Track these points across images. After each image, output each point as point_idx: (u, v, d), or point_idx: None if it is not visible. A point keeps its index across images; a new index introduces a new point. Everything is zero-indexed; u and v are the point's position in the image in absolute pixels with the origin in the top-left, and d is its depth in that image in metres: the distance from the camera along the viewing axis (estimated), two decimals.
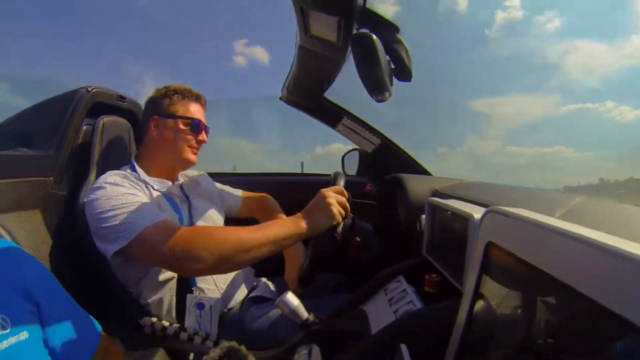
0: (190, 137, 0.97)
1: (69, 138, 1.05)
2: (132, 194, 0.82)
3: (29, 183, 0.96)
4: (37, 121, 1.20)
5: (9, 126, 1.20)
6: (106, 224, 0.77)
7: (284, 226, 0.76)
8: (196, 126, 0.98)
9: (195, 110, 0.99)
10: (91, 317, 0.57)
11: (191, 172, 1.14)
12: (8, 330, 0.40)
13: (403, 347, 0.53)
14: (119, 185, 0.84)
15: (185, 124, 0.96)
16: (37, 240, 0.88)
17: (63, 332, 0.48)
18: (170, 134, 0.96)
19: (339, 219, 0.80)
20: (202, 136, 1.00)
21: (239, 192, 1.23)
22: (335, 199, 0.80)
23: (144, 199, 0.84)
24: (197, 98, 1.00)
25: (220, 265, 0.73)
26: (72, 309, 0.53)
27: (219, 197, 1.16)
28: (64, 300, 0.51)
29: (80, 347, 0.51)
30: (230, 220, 1.17)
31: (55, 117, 1.08)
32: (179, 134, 0.96)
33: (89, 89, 1.13)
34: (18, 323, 0.41)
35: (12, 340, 0.40)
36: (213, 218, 1.06)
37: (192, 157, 0.99)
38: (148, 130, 0.98)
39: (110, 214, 0.77)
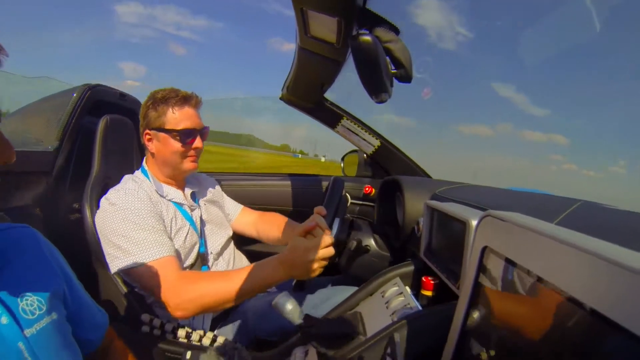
0: (183, 149, 0.92)
1: (69, 135, 1.06)
2: (144, 217, 0.82)
3: (29, 179, 0.97)
4: (37, 118, 1.20)
5: (9, 122, 1.21)
6: (113, 240, 0.80)
7: (270, 276, 0.75)
8: (187, 135, 0.92)
9: (184, 116, 0.91)
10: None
11: (200, 175, 1.14)
12: (44, 311, 0.46)
13: (396, 335, 0.53)
14: (137, 200, 0.84)
15: (175, 136, 0.91)
16: None
17: (81, 311, 0.55)
18: (163, 148, 0.92)
19: (319, 272, 0.74)
20: (197, 143, 0.94)
21: (238, 206, 1.21)
22: (322, 257, 0.73)
23: (156, 221, 0.84)
24: (185, 100, 0.92)
25: (201, 314, 0.81)
26: (85, 294, 0.59)
27: (223, 203, 1.16)
28: (77, 283, 0.58)
29: (95, 324, 0.59)
30: (238, 235, 1.17)
31: (55, 114, 1.08)
32: (172, 147, 0.91)
33: (90, 86, 1.13)
34: (50, 305, 0.47)
35: (47, 319, 0.46)
36: (222, 225, 1.07)
37: (190, 165, 0.95)
38: (144, 143, 0.95)
39: (121, 232, 0.80)
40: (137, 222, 0.81)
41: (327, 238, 0.74)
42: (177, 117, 0.90)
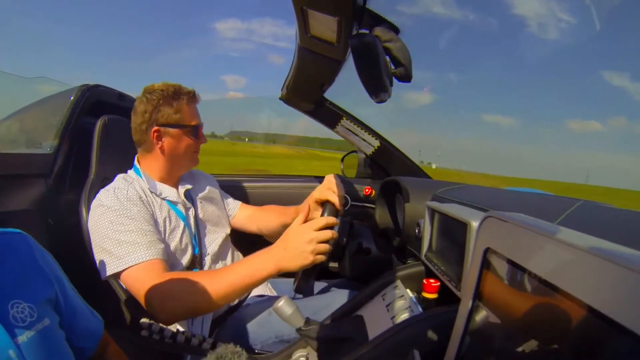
0: (193, 143, 0.96)
1: (68, 136, 1.05)
2: (133, 218, 0.81)
3: (27, 181, 0.96)
4: (36, 119, 1.20)
5: (8, 124, 1.20)
6: (101, 244, 0.79)
7: (257, 267, 0.71)
8: (198, 131, 0.96)
9: (194, 112, 0.96)
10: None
11: (195, 172, 1.12)
12: (35, 318, 0.45)
13: (415, 352, 0.52)
14: (126, 200, 0.83)
15: (187, 132, 0.94)
16: (33, 237, 0.87)
17: (75, 318, 0.54)
18: (177, 144, 0.93)
19: (320, 259, 0.68)
20: (204, 138, 0.98)
21: (237, 202, 1.19)
22: (316, 240, 0.68)
23: (146, 222, 0.83)
24: (194, 96, 0.95)
25: (192, 316, 0.81)
26: (78, 298, 0.58)
27: (220, 200, 1.14)
28: (71, 289, 0.56)
29: (89, 331, 0.58)
30: (236, 234, 1.15)
31: (54, 115, 1.08)
32: (183, 142, 0.94)
33: (89, 86, 1.13)
34: (41, 311, 0.46)
35: (39, 326, 0.45)
36: (218, 223, 1.05)
37: (196, 162, 1.00)
38: (148, 140, 0.92)
39: (108, 235, 0.79)
40: (124, 223, 0.79)
41: (322, 219, 0.70)
42: (190, 114, 0.93)
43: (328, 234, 0.69)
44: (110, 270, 0.77)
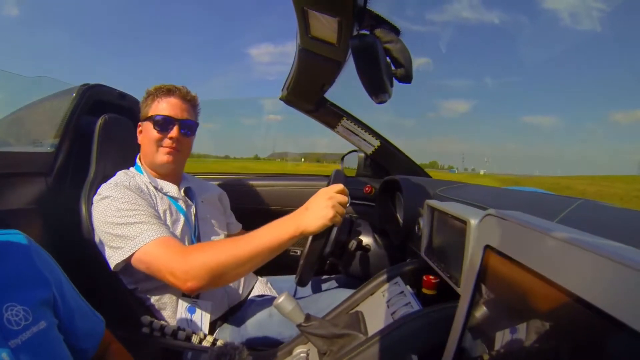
0: (159, 136, 0.92)
1: (69, 135, 1.05)
2: (139, 204, 0.82)
3: (28, 180, 0.96)
4: (36, 118, 1.20)
5: (9, 123, 1.20)
6: (111, 231, 0.79)
7: (279, 230, 0.72)
8: (161, 122, 0.91)
9: (164, 106, 0.92)
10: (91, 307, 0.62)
11: (206, 182, 1.14)
12: (30, 321, 0.45)
13: (414, 357, 0.53)
14: (129, 190, 0.84)
15: (153, 124, 0.92)
16: (34, 236, 0.88)
17: (74, 319, 0.54)
18: (144, 137, 0.95)
19: (338, 220, 0.73)
20: (173, 132, 0.92)
21: (238, 225, 1.20)
22: (336, 199, 0.73)
23: (151, 208, 0.84)
24: (169, 92, 0.94)
25: (218, 282, 0.75)
26: (79, 298, 0.57)
27: (224, 211, 1.15)
28: (70, 289, 0.56)
29: (90, 332, 0.58)
30: None
31: (55, 113, 1.08)
32: (149, 134, 0.93)
33: (90, 85, 1.13)
34: (37, 313, 0.46)
35: (34, 329, 0.45)
36: (218, 226, 1.05)
37: (164, 157, 0.93)
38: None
39: (117, 221, 0.79)
40: (132, 208, 0.80)
41: (341, 185, 0.75)
42: (159, 107, 0.93)
43: (345, 198, 0.74)
44: (125, 254, 0.77)
